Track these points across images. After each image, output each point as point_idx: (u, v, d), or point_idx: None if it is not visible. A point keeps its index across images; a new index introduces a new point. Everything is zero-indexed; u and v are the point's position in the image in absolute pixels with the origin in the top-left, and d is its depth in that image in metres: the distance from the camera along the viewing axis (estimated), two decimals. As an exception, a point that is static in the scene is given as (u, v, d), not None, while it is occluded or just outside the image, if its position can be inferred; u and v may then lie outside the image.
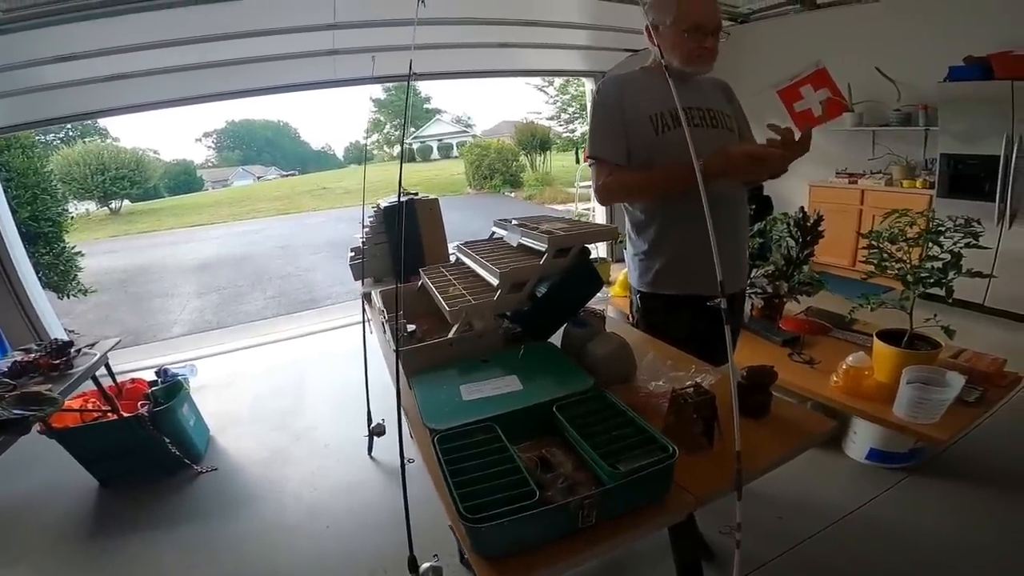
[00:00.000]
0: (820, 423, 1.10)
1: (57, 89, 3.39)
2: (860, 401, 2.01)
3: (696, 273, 1.53)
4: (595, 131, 1.59)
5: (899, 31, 4.15)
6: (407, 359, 1.27)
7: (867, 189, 4.50)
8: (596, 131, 1.58)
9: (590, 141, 1.59)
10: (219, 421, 3.24)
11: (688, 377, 1.11)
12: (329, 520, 2.35)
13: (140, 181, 22.47)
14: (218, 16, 2.82)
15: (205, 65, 3.50)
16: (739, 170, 1.36)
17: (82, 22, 2.52)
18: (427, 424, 1.03)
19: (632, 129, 1.51)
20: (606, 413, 1.01)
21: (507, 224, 1.73)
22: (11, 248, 4.11)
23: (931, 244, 1.93)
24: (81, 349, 2.59)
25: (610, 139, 1.54)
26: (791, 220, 2.44)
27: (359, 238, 2.42)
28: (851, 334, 2.49)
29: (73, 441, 2.58)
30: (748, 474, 0.94)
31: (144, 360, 4.37)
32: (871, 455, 2.28)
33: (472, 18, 3.59)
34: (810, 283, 2.41)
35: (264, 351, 4.58)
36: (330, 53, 3.70)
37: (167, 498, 2.59)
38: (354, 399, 3.05)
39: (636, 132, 1.51)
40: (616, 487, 0.82)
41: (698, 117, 1.51)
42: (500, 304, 1.35)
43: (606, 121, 1.55)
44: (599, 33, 4.36)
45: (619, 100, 1.53)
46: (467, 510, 0.79)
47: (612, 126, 1.53)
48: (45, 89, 3.37)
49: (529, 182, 18.18)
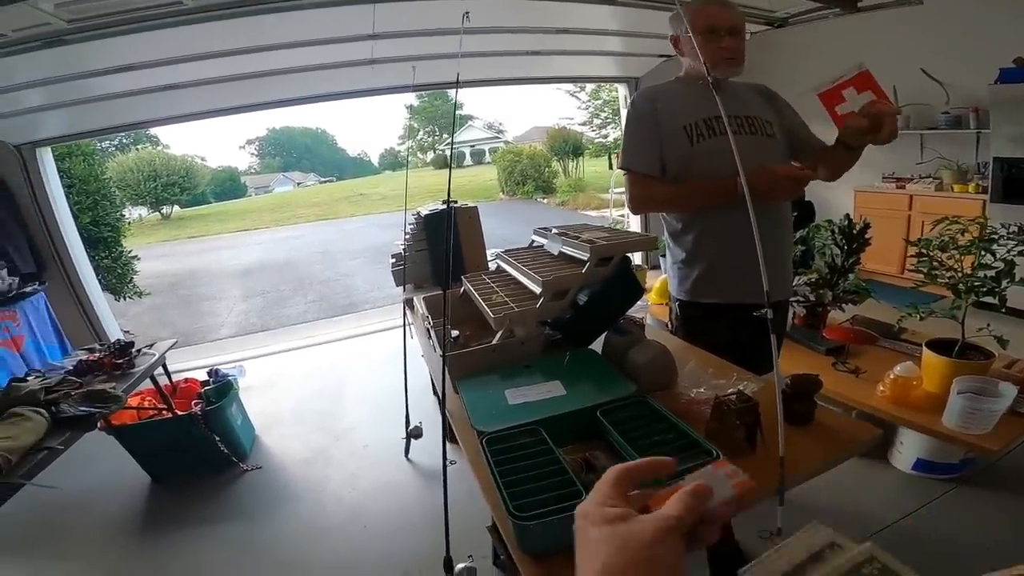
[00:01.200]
0: (866, 430, 1.09)
1: (114, 99, 3.58)
2: (908, 411, 1.95)
3: (737, 281, 1.54)
4: (628, 142, 1.61)
5: (945, 32, 4.02)
6: (453, 363, 1.31)
7: (916, 194, 4.34)
8: (629, 142, 1.60)
9: (623, 152, 1.62)
10: (264, 421, 3.35)
11: (730, 385, 1.12)
12: (367, 520, 2.40)
13: (189, 187, 23.48)
14: (264, 27, 2.94)
15: (250, 75, 3.64)
16: (782, 192, 1.38)
17: (139, 33, 2.65)
18: (475, 426, 1.07)
19: (667, 140, 1.53)
20: (649, 418, 1.03)
21: (547, 233, 1.77)
22: (73, 252, 4.36)
23: (983, 252, 1.87)
24: (141, 349, 2.72)
25: (643, 150, 1.56)
26: (835, 227, 2.39)
27: (399, 244, 2.49)
28: (899, 343, 2.42)
29: (130, 437, 2.71)
30: (791, 479, 0.94)
31: (194, 360, 4.56)
32: (918, 465, 2.22)
33: (508, 27, 3.64)
34: (856, 292, 2.35)
35: (305, 354, 4.72)
36: (369, 63, 3.81)
37: (214, 495, 2.69)
38: (391, 402, 3.13)
39: (671, 143, 1.52)
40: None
41: (736, 124, 1.50)
42: (542, 311, 1.38)
43: (639, 132, 1.57)
44: (632, 39, 4.35)
45: (653, 111, 1.55)
46: (515, 508, 0.82)
47: (645, 137, 1.55)
48: (104, 99, 3.56)
49: (562, 188, 18.16)
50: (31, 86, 3.16)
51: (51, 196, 4.22)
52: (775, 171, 1.36)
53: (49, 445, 1.85)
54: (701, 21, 1.47)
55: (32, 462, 1.76)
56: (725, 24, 1.47)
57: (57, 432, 1.93)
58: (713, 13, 1.48)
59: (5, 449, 1.69)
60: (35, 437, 1.84)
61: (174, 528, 2.47)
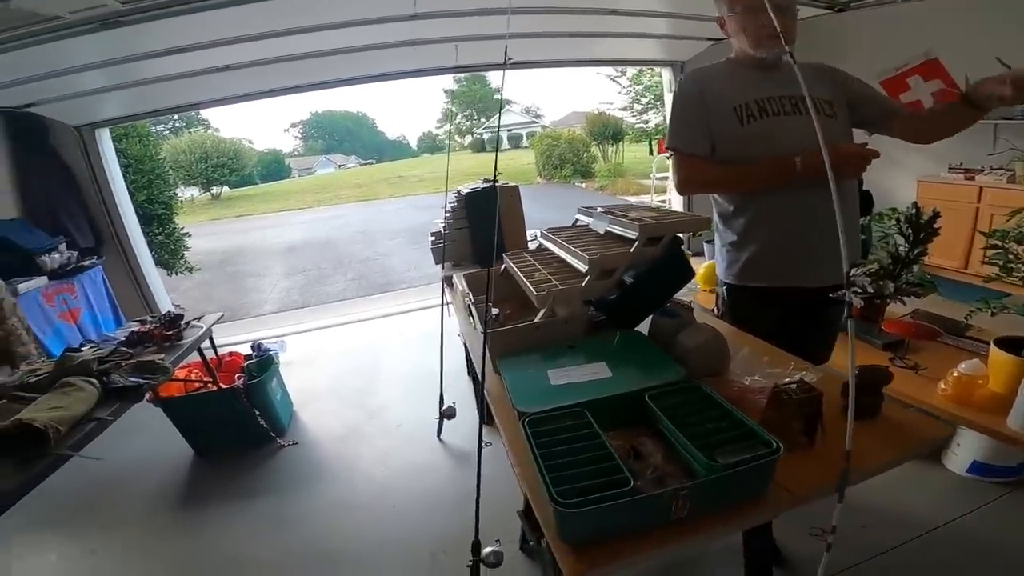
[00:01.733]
0: (935, 427, 1.03)
1: (168, 81, 3.67)
2: (971, 411, 1.83)
3: (793, 263, 1.48)
4: (674, 122, 1.56)
5: (1021, 17, 3.71)
6: (494, 341, 1.28)
7: (986, 186, 4.05)
8: (675, 122, 1.56)
9: (669, 132, 1.57)
10: (301, 397, 3.42)
11: (786, 374, 1.06)
12: (396, 500, 2.41)
13: (237, 168, 24.33)
14: (305, 8, 2.96)
15: (296, 57, 3.68)
16: (849, 169, 1.33)
17: (192, 14, 2.70)
18: (517, 407, 1.04)
19: (716, 121, 1.47)
20: (700, 405, 0.98)
21: (593, 211, 1.71)
22: (129, 228, 4.55)
23: (1067, 244, 1.73)
24: (190, 322, 2.78)
25: (689, 130, 1.51)
26: (901, 216, 2.24)
27: (439, 223, 2.48)
28: (963, 340, 2.27)
29: (176, 409, 2.79)
30: (854, 476, 0.88)
31: (238, 335, 4.69)
32: (973, 468, 2.11)
33: (555, 7, 3.55)
34: (920, 284, 2.21)
35: (343, 331, 4.80)
36: (410, 44, 3.79)
37: (252, 470, 2.76)
38: (425, 381, 3.14)
39: (721, 124, 1.47)
40: (713, 480, 0.80)
41: (790, 105, 1.43)
42: (588, 290, 1.34)
43: (686, 112, 1.52)
44: (680, 21, 4.19)
45: (701, 92, 1.49)
46: (559, 494, 0.78)
47: (692, 117, 1.50)
48: (157, 81, 3.67)
49: (601, 173, 17.90)
50: (89, 68, 3.26)
51: (109, 175, 4.41)
52: (840, 149, 1.28)
53: (99, 416, 1.85)
54: (739, 2, 1.43)
55: (81, 432, 1.75)
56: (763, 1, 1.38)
57: (107, 403, 1.94)
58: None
59: (56, 420, 1.67)
60: (86, 407, 1.85)
61: (212, 502, 2.54)
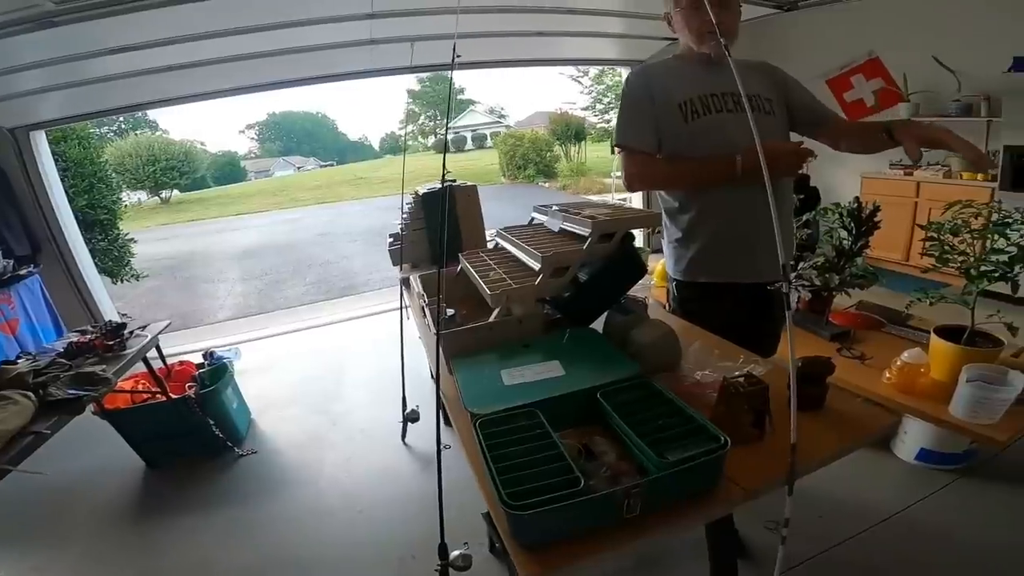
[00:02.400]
0: (879, 417, 1.06)
1: (111, 81, 3.51)
2: (914, 399, 1.91)
3: (735, 260, 1.52)
4: (622, 119, 1.57)
5: (958, 19, 3.93)
6: (447, 342, 1.26)
7: (923, 181, 4.28)
8: (623, 119, 1.56)
9: (617, 130, 1.58)
10: (259, 404, 3.32)
11: (736, 367, 1.07)
12: (363, 505, 2.38)
13: (188, 172, 23.45)
14: (260, 6, 2.87)
15: (247, 56, 3.57)
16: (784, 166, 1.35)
17: (133, 14, 2.58)
18: (468, 408, 1.02)
19: (662, 117, 1.49)
20: (652, 401, 0.98)
21: (548, 209, 1.71)
22: (69, 234, 4.31)
23: (997, 236, 1.81)
24: (134, 331, 2.66)
25: (637, 127, 1.52)
26: (844, 211, 2.32)
27: (397, 224, 2.44)
28: (905, 330, 2.37)
29: (124, 422, 2.66)
30: (801, 468, 0.90)
31: (191, 343, 4.53)
32: (921, 455, 2.20)
33: (511, 6, 3.55)
34: (863, 276, 2.30)
35: (303, 336, 4.69)
36: (369, 43, 3.72)
37: (209, 480, 2.66)
38: (389, 385, 3.09)
39: (666, 120, 1.49)
40: (663, 477, 0.80)
41: (732, 102, 1.46)
42: (542, 289, 1.33)
43: (633, 109, 1.54)
44: (637, 21, 4.25)
45: (648, 89, 1.51)
46: (509, 496, 0.77)
47: (639, 114, 1.52)
48: (99, 81, 3.50)
49: (563, 172, 18.07)
50: (24, 68, 3.09)
51: (46, 180, 4.18)
52: (775, 146, 1.30)
53: (36, 429, 1.80)
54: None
55: (19, 447, 1.72)
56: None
57: (45, 416, 1.88)
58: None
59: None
60: (22, 421, 1.79)
61: (171, 513, 2.45)
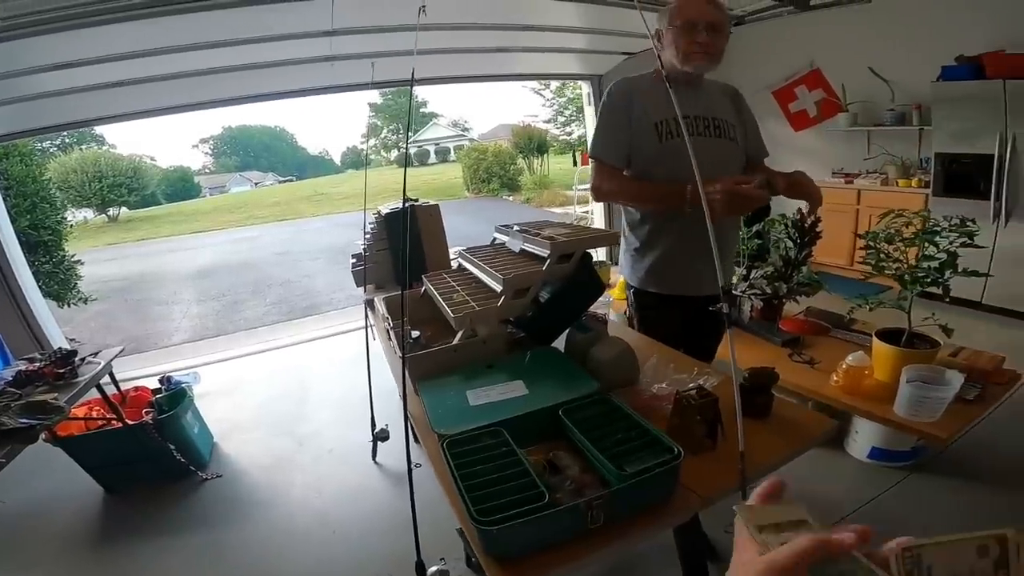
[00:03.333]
0: (821, 423, 1.12)
1: (55, 97, 3.39)
2: (861, 400, 2.01)
3: (683, 274, 1.61)
4: (599, 131, 1.62)
5: (891, 31, 4.16)
6: (413, 365, 1.28)
7: (863, 189, 4.51)
8: (600, 132, 1.62)
9: (593, 140, 1.63)
10: (223, 428, 3.24)
11: (691, 379, 1.13)
12: (336, 525, 2.36)
13: (138, 188, 22.43)
14: (214, 23, 2.83)
15: (202, 72, 3.51)
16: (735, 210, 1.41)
17: (80, 30, 2.52)
18: (435, 429, 1.05)
19: (637, 134, 1.55)
20: (611, 416, 1.02)
21: (509, 230, 1.75)
22: (11, 257, 4.11)
23: (927, 244, 1.94)
24: (85, 358, 2.59)
25: (612, 141, 1.58)
26: (789, 221, 2.45)
27: (360, 244, 2.44)
28: (850, 333, 2.50)
29: (79, 449, 2.59)
30: (752, 474, 0.95)
31: (147, 368, 4.36)
32: (873, 454, 2.30)
33: (471, 23, 3.60)
34: (809, 284, 2.43)
35: (266, 358, 4.58)
36: (328, 59, 3.72)
37: (173, 505, 2.60)
38: (357, 404, 3.07)
39: (641, 138, 1.55)
40: (623, 488, 0.84)
41: (702, 126, 1.53)
42: (504, 310, 1.37)
43: (611, 123, 1.59)
44: (596, 37, 4.37)
45: (628, 104, 1.56)
46: (478, 513, 0.80)
47: (616, 129, 1.57)
48: (43, 97, 3.38)
49: (527, 185, 18.20)
50: (-40, 84, 2.97)
51: (-15, 199, 3.98)
52: (736, 191, 1.34)
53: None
54: (681, 15, 1.50)
55: None
56: (704, 19, 1.49)
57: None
58: (695, 7, 1.50)
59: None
60: None
61: (134, 539, 2.39)
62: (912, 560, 0.34)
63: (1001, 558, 0.33)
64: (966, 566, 0.33)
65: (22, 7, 2.33)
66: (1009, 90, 3.38)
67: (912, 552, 0.34)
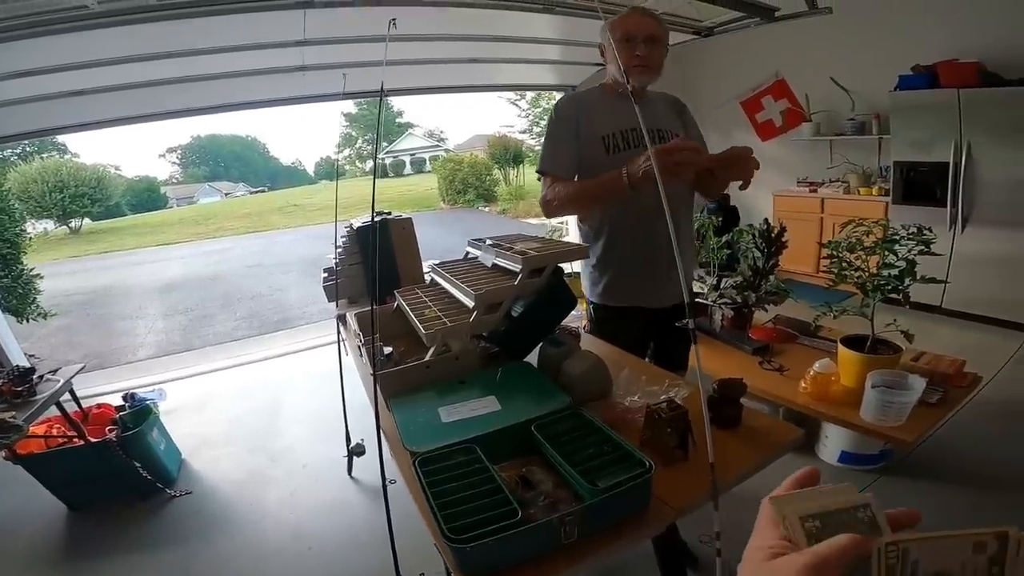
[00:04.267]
0: (789, 432, 1.14)
1: (15, 105, 3.28)
2: (828, 406, 2.05)
3: (641, 286, 1.65)
4: (546, 146, 1.65)
5: (851, 41, 4.27)
6: (385, 382, 1.27)
7: (826, 197, 4.63)
8: (547, 146, 1.65)
9: (541, 157, 1.66)
10: (192, 444, 3.17)
11: (662, 392, 1.14)
12: (311, 541, 2.33)
13: (101, 199, 21.65)
14: (183, 32, 2.77)
15: (170, 81, 3.42)
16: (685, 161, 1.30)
17: (41, 37, 2.45)
18: (407, 447, 1.03)
19: (586, 147, 1.58)
20: (584, 431, 1.03)
21: (481, 244, 1.75)
22: (-34, 273, 3.95)
23: (887, 252, 2.00)
24: (44, 375, 2.55)
25: (558, 156, 1.61)
26: (756, 231, 2.51)
27: (332, 258, 2.41)
28: (817, 340, 2.56)
29: (39, 467, 2.55)
30: (723, 484, 0.97)
31: (110, 384, 4.24)
32: (843, 457, 2.35)
33: (443, 34, 3.61)
34: (776, 293, 2.48)
35: (236, 373, 4.49)
36: (299, 69, 3.68)
37: (141, 522, 2.55)
38: (331, 419, 3.02)
39: (589, 150, 1.58)
40: (596, 503, 0.85)
41: (649, 137, 1.56)
42: (476, 326, 1.36)
43: (557, 138, 1.62)
44: (569, 48, 4.42)
45: (576, 119, 1.59)
46: (451, 531, 0.80)
47: (562, 144, 1.60)
48: (4, 105, 3.26)
49: (503, 196, 18.21)
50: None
51: (-62, 212, 3.82)
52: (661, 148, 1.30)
53: None
54: (619, 29, 1.54)
55: None
56: (642, 32, 1.53)
57: None
58: (632, 21, 1.55)
59: None
60: None
61: (101, 557, 2.33)
62: (895, 555, 0.33)
63: (998, 555, 0.32)
64: (957, 562, 0.33)
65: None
66: (963, 98, 3.50)
67: (896, 546, 0.34)
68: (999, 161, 3.48)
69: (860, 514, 0.41)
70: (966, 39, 3.66)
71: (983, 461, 2.29)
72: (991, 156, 3.51)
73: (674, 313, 1.69)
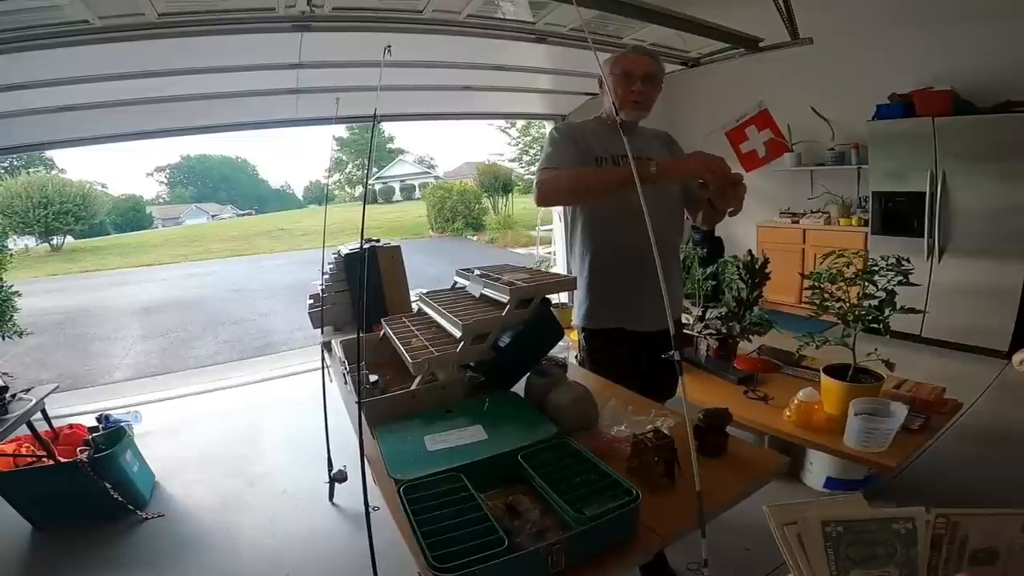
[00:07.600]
0: (774, 459, 1.15)
1: (3, 119, 3.25)
2: (812, 434, 2.07)
3: (621, 307, 1.68)
4: (548, 152, 1.69)
5: (832, 71, 4.34)
6: (370, 410, 1.25)
7: (808, 228, 4.66)
8: (549, 152, 1.69)
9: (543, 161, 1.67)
10: (166, 467, 3.09)
11: (648, 421, 1.15)
12: (290, 567, 2.26)
13: (85, 216, 21.31)
14: (179, 50, 2.79)
15: (162, 99, 3.41)
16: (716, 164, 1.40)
17: (31, 51, 2.44)
18: (392, 475, 1.02)
19: (581, 165, 1.64)
20: (571, 460, 1.03)
21: (469, 275, 1.76)
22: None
23: (867, 283, 2.05)
24: (16, 394, 2.50)
25: (565, 155, 1.65)
26: (740, 263, 2.55)
27: (318, 285, 2.39)
28: (800, 370, 2.59)
29: (5, 485, 2.49)
30: (710, 512, 0.97)
31: (84, 405, 4.10)
32: (828, 483, 2.37)
33: (437, 61, 3.66)
34: (760, 323, 2.51)
35: (216, 397, 4.40)
36: (293, 92, 3.70)
37: (110, 544, 2.48)
38: (313, 445, 2.96)
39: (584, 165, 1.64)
40: (583, 531, 0.84)
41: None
42: (463, 355, 1.37)
43: (560, 145, 1.67)
44: (560, 77, 4.50)
45: (573, 139, 1.67)
46: (436, 559, 0.79)
47: (564, 148, 1.66)
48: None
49: (491, 225, 18.22)
50: None
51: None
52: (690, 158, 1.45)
53: None
54: (619, 66, 1.64)
55: None
56: (640, 71, 1.62)
57: None
58: (633, 60, 1.64)
59: None
60: None
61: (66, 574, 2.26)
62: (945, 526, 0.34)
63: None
64: (1005, 539, 0.34)
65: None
66: (937, 127, 3.56)
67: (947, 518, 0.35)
68: (973, 190, 3.55)
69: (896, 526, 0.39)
70: (940, 66, 3.73)
71: (966, 484, 2.31)
72: (966, 185, 3.57)
73: (662, 339, 1.69)
